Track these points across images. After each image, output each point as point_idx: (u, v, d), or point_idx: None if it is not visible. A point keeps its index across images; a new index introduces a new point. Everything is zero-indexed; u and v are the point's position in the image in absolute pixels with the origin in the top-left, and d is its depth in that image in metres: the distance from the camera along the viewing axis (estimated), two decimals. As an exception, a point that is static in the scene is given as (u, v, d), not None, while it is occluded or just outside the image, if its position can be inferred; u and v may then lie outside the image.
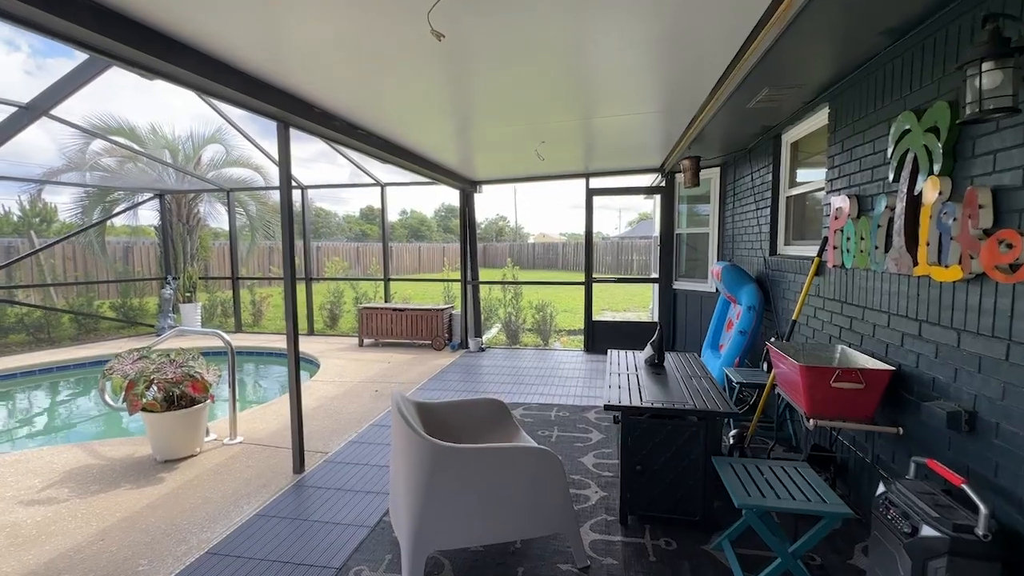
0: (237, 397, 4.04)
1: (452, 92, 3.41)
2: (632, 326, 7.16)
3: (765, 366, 3.89)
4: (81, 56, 4.55)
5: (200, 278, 9.36)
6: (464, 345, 7.46)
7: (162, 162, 9.07)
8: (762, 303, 4.38)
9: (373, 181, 8.07)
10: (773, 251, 4.44)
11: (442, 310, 7.38)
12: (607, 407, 2.60)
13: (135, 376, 3.42)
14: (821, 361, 2.82)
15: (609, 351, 3.84)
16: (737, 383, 3.72)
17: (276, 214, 11.37)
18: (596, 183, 7.07)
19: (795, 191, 4.16)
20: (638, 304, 13.33)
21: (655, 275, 7.98)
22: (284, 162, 3.25)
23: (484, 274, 8.18)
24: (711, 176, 6.12)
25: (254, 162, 10.16)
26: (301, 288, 8.89)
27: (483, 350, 7.32)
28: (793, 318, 3.43)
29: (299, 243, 11.26)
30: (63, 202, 10.10)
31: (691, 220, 6.84)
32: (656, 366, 3.38)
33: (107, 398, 3.77)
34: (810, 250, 3.80)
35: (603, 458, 3.53)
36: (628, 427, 2.58)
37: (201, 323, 9.03)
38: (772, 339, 3.82)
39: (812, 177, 4.10)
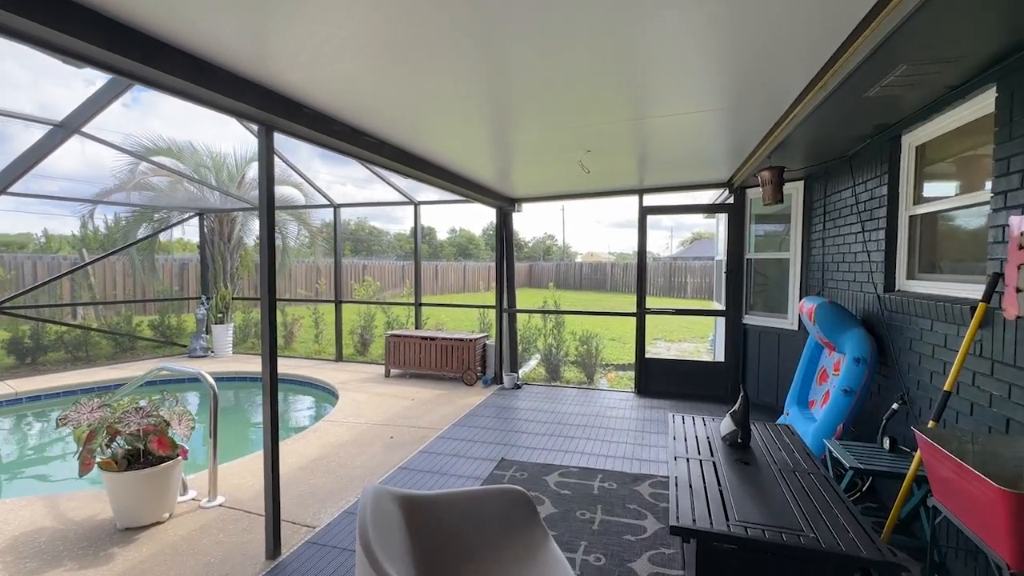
0: (222, 441, 3.45)
1: (481, 89, 2.72)
2: (693, 366, 6.14)
3: (887, 442, 2.89)
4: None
5: (233, 298, 9.16)
6: (498, 380, 6.69)
7: (201, 181, 9.02)
8: (875, 355, 3.35)
9: (406, 199, 7.57)
10: (890, 287, 3.41)
11: (474, 340, 6.66)
12: (675, 530, 1.74)
13: (96, 426, 2.88)
14: (1012, 469, 1.84)
15: (671, 418, 2.95)
16: (850, 468, 2.72)
17: (321, 234, 11.22)
18: (650, 200, 6.20)
19: (923, 209, 3.15)
20: (695, 333, 12.11)
21: (719, 306, 6.95)
22: (266, 171, 2.66)
23: (529, 295, 7.45)
24: (791, 191, 5.12)
25: (294, 179, 10.02)
26: (330, 310, 8.48)
27: (519, 387, 6.52)
28: (945, 388, 2.42)
29: (328, 262, 11.06)
30: (110, 221, 10.30)
31: (760, 243, 5.81)
32: (740, 448, 2.46)
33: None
34: (951, 288, 2.80)
35: (663, 564, 2.63)
36: (707, 562, 1.71)
37: (233, 345, 8.79)
38: (903, 414, 2.81)
39: (945, 191, 3.09)
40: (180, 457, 3.07)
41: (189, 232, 10.14)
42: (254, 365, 7.62)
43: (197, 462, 3.49)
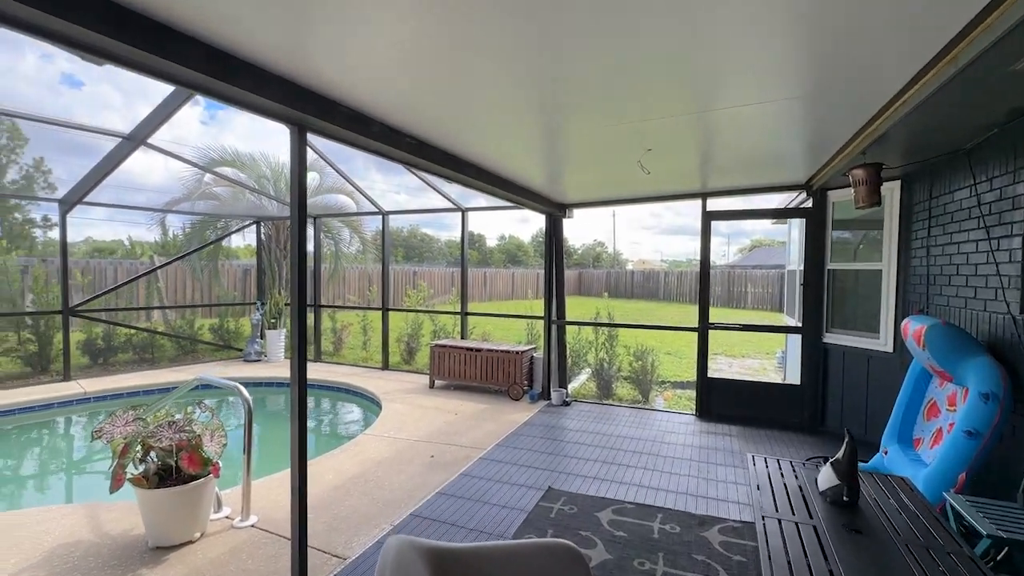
0: (268, 451, 3.31)
1: (532, 82, 2.42)
2: (763, 389, 5.52)
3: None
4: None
5: (286, 304, 9.34)
6: (546, 395, 6.33)
7: (260, 191, 9.29)
8: (1009, 390, 2.73)
9: (454, 206, 7.40)
10: (1029, 307, 2.79)
11: (521, 352, 6.35)
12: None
13: (130, 440, 2.80)
14: None
15: (752, 460, 2.49)
16: (989, 536, 2.16)
17: (374, 242, 11.35)
18: (714, 205, 5.67)
19: (1078, 211, 2.53)
20: (761, 348, 11.21)
21: (792, 321, 6.28)
22: (298, 175, 2.47)
23: (579, 304, 7.06)
24: (885, 193, 4.46)
25: (347, 188, 10.16)
26: (377, 318, 8.44)
27: (568, 404, 6.12)
28: None
29: (376, 268, 11.15)
30: (180, 229, 10.88)
31: (838, 252, 5.14)
32: (847, 510, 1.99)
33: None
34: None
35: (742, 641, 2.18)
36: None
37: (285, 350, 8.94)
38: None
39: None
40: (211, 475, 2.93)
41: (251, 238, 10.48)
42: (308, 371, 7.66)
43: (238, 476, 3.37)
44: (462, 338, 7.58)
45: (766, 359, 10.05)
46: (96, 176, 6.39)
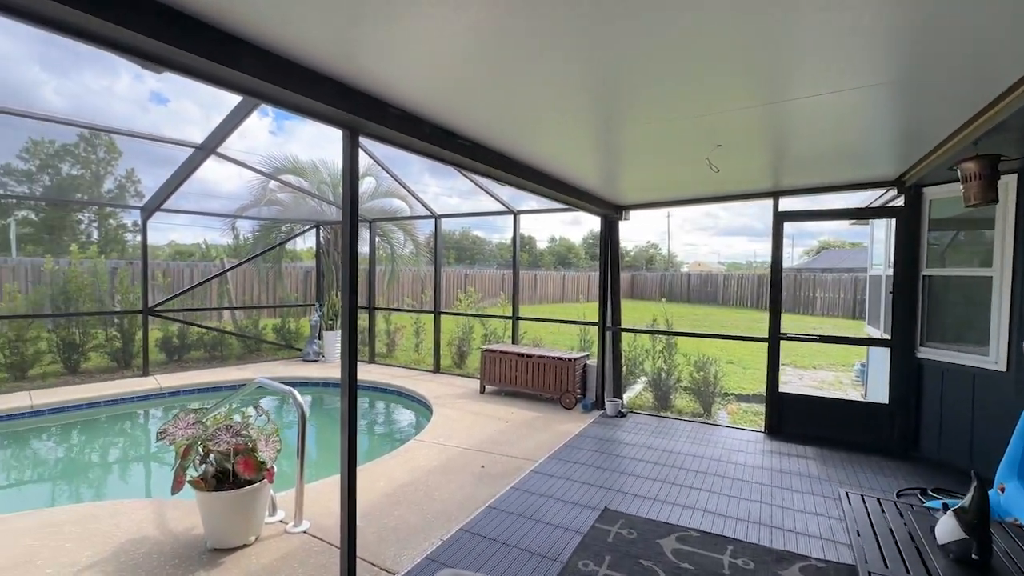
0: (323, 452, 3.32)
1: (590, 77, 2.24)
2: (843, 407, 5.00)
3: None
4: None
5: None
6: (599, 405, 6.07)
7: (320, 196, 9.61)
8: None
9: (506, 209, 7.30)
10: None
11: (574, 360, 6.13)
12: None
13: (191, 442, 2.86)
14: None
15: (846, 497, 2.18)
16: None
17: (427, 246, 11.51)
18: (787, 204, 5.22)
19: None
20: (835, 360, 10.34)
21: (876, 332, 5.70)
22: (350, 179, 2.42)
23: (632, 308, 6.75)
24: (1000, 187, 3.89)
25: (401, 192, 10.34)
26: (429, 320, 8.48)
27: (623, 415, 5.84)
28: None
29: (428, 270, 11.24)
30: (248, 233, 11.49)
31: (935, 256, 4.56)
32: (978, 571, 1.65)
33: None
34: None
35: None
36: None
37: (341, 351, 9.17)
38: None
39: None
40: (266, 480, 2.94)
41: (312, 242, 10.95)
42: (362, 372, 7.75)
43: (306, 475, 3.40)
44: (513, 343, 7.46)
45: (842, 372, 9.24)
46: (173, 184, 6.80)
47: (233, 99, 5.28)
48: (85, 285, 7.80)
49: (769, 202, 5.24)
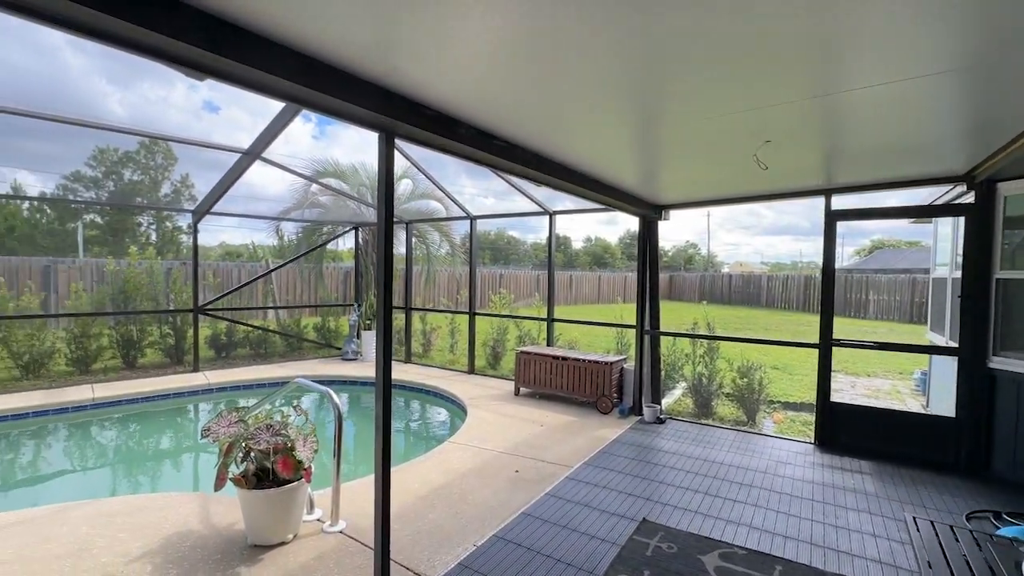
0: (361, 451, 3.35)
1: (629, 73, 2.15)
2: (902, 419, 4.65)
3: None
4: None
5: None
6: (637, 410, 5.91)
7: (359, 199, 9.81)
8: None
9: (541, 210, 7.22)
10: None
11: (611, 363, 5.99)
12: None
13: (234, 440, 2.93)
14: None
15: (914, 524, 1.99)
16: None
17: (462, 247, 11.59)
18: (839, 202, 4.92)
19: None
20: (891, 367, 9.71)
21: (940, 339, 5.31)
22: (385, 181, 2.41)
23: (670, 310, 6.55)
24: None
25: (437, 194, 10.44)
26: (465, 321, 8.50)
27: (662, 421, 5.66)
28: None
29: (464, 271, 11.26)
30: (291, 233, 11.88)
31: (1007, 256, 4.18)
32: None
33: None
34: None
35: None
36: None
37: (376, 354, 9.33)
38: None
39: None
40: (303, 480, 2.99)
41: (352, 243, 11.24)
42: (398, 372, 7.93)
43: (344, 472, 3.44)
44: (548, 345, 7.38)
45: (899, 380, 8.66)
46: (221, 188, 7.08)
47: (279, 105, 5.45)
48: (142, 285, 8.24)
49: (819, 200, 4.96)
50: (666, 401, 6.40)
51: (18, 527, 3.14)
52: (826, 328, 4.88)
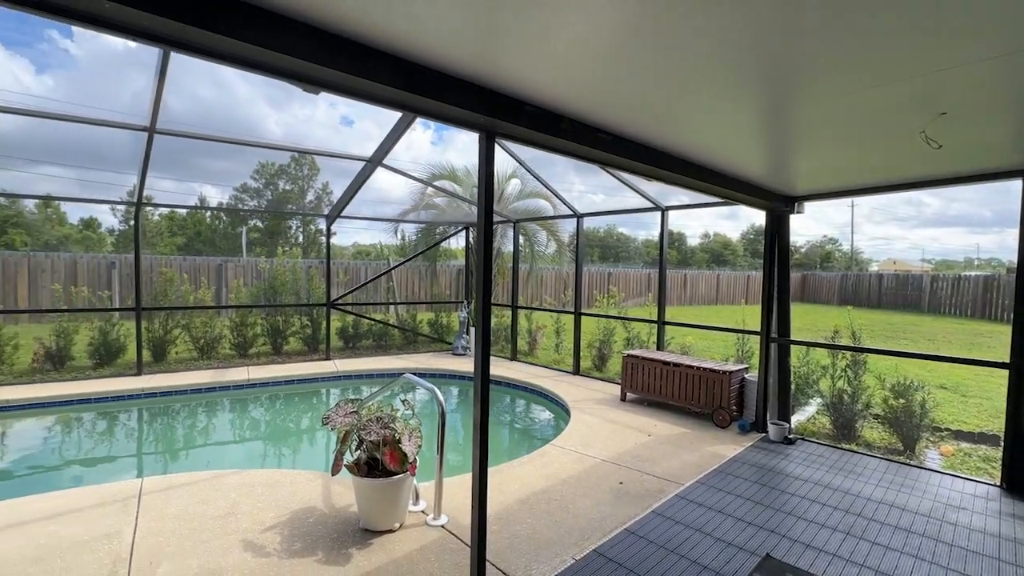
0: (464, 448, 3.43)
1: (756, 49, 1.86)
2: None
3: None
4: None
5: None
6: (760, 427, 5.29)
7: (470, 200, 10.17)
8: None
9: (653, 205, 6.82)
10: None
11: (730, 372, 5.44)
12: None
13: (350, 429, 3.15)
14: None
15: None
16: None
17: (569, 246, 11.49)
18: (1047, 186, 3.88)
19: None
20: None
21: None
22: (485, 180, 2.39)
23: (803, 314, 5.77)
24: None
25: (545, 193, 10.44)
26: (570, 320, 8.37)
27: (790, 441, 5.00)
28: None
29: (571, 269, 11.13)
30: (411, 233, 12.74)
31: None
32: None
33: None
34: None
35: None
36: None
37: (474, 354, 9.59)
38: None
39: None
40: (408, 473, 3.11)
41: (464, 242, 11.76)
42: (502, 368, 8.09)
43: (451, 464, 3.57)
44: (658, 349, 6.95)
45: None
46: (349, 194, 7.78)
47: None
48: (287, 281, 9.41)
49: (1012, 183, 3.97)
50: (797, 419, 5.65)
51: (187, 487, 3.71)
52: (1019, 342, 3.90)
